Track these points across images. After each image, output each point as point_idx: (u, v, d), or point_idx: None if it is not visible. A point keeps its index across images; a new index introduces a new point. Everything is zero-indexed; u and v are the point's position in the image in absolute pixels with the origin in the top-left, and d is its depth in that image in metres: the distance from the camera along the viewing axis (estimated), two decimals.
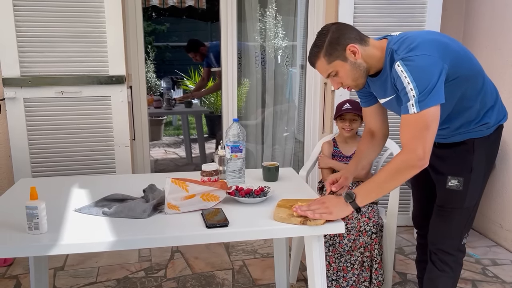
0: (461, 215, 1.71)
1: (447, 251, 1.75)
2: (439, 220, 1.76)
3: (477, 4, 3.17)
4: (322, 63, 1.55)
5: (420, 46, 1.46)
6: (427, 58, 1.43)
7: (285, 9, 3.48)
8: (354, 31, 1.55)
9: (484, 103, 1.61)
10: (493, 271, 2.65)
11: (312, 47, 1.56)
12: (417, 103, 1.41)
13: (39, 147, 2.68)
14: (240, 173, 1.88)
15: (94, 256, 2.73)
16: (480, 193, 1.72)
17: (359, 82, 1.59)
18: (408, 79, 1.42)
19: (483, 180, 1.71)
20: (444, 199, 1.73)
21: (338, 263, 2.21)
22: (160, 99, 4.81)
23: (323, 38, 1.53)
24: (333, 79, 1.59)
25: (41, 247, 1.36)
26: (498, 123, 1.67)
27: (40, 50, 2.59)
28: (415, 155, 1.43)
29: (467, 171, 1.65)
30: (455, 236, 1.74)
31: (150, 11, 11.23)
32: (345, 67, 1.53)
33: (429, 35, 1.55)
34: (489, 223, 3.10)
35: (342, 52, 1.52)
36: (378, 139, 1.83)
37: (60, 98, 2.65)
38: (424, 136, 1.43)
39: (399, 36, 1.56)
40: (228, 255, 2.80)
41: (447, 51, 1.49)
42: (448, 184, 1.68)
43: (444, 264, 1.75)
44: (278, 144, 3.65)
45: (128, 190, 1.79)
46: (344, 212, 1.53)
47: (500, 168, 2.97)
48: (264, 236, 1.55)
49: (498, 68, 2.96)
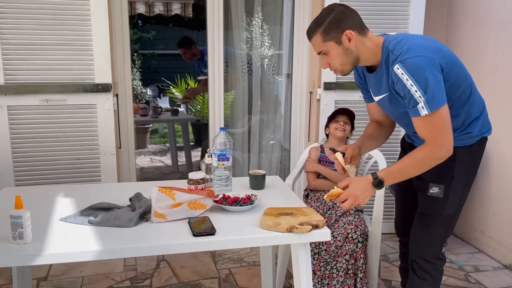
0: (441, 223, 1.74)
1: (427, 259, 1.77)
2: (419, 227, 1.78)
3: (458, 13, 3.25)
4: (317, 40, 1.59)
5: (416, 47, 1.50)
6: (425, 59, 1.47)
7: (271, 18, 3.52)
8: (356, 18, 1.58)
9: (469, 114, 1.64)
10: (476, 278, 2.70)
11: (313, 22, 1.60)
12: (427, 105, 1.46)
13: (23, 155, 2.65)
14: (227, 181, 1.89)
15: (78, 266, 2.70)
16: (460, 202, 1.74)
17: (346, 68, 1.63)
18: (410, 81, 1.45)
19: (463, 189, 1.73)
20: (425, 206, 1.75)
21: (324, 271, 2.23)
22: (146, 107, 4.79)
23: (326, 17, 1.56)
24: (323, 58, 1.63)
25: (25, 257, 1.34)
26: (481, 135, 1.70)
27: (24, 58, 2.57)
28: (442, 148, 1.51)
29: (448, 178, 1.68)
30: (435, 244, 1.77)
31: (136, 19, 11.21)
32: (337, 50, 1.57)
33: (423, 39, 1.59)
34: (472, 230, 3.15)
35: (339, 35, 1.55)
36: (386, 127, 1.87)
37: (45, 106, 2.63)
38: (444, 132, 1.50)
39: (395, 36, 1.59)
40: (214, 263, 2.79)
41: (442, 54, 1.54)
42: (429, 191, 1.71)
43: (425, 273, 1.77)
44: (264, 152, 3.66)
45: (114, 199, 1.78)
46: (369, 196, 1.61)
47: (481, 175, 3.03)
48: (251, 244, 1.56)
49: (479, 75, 3.03)
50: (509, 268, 2.82)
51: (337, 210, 2.33)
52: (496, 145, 2.89)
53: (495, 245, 2.95)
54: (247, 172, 2.28)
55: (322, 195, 2.44)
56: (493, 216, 2.96)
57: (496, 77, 2.90)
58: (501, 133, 2.85)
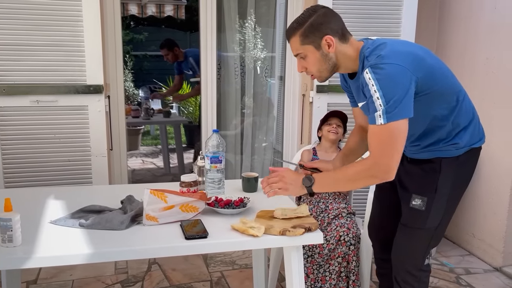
0: (423, 236, 1.68)
1: (410, 272, 1.72)
2: (402, 238, 1.73)
3: (450, 18, 3.28)
4: (296, 41, 1.53)
5: (391, 54, 1.42)
6: (397, 67, 1.39)
7: (264, 21, 3.52)
8: (338, 23, 1.52)
9: (457, 124, 1.57)
10: (467, 280, 2.71)
11: (294, 22, 1.54)
12: (384, 115, 1.38)
13: (13, 157, 2.62)
14: (219, 183, 1.88)
15: (68, 269, 2.67)
16: (444, 215, 1.66)
17: (323, 74, 1.57)
18: (375, 87, 1.39)
19: (448, 202, 1.65)
20: (408, 217, 1.70)
21: (317, 274, 2.23)
22: (138, 108, 4.77)
23: (307, 18, 1.50)
24: (300, 61, 1.58)
25: (14, 260, 1.32)
26: (470, 146, 1.61)
27: (15, 58, 2.54)
28: (380, 167, 1.42)
29: (431, 190, 1.62)
30: (417, 256, 1.71)
31: (128, 20, 11.16)
32: (315, 54, 1.52)
33: (404, 46, 1.51)
34: (462, 233, 3.18)
35: (318, 40, 1.49)
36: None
37: (36, 107, 2.60)
38: (391, 150, 1.41)
39: (373, 41, 1.52)
40: (206, 266, 2.78)
41: (421, 64, 1.45)
42: (412, 203, 1.64)
43: (407, 285, 1.72)
44: (257, 155, 3.66)
45: (106, 201, 1.76)
46: (299, 192, 1.57)
47: (472, 179, 3.04)
48: (244, 247, 1.55)
49: (470, 79, 3.06)
50: (500, 271, 2.84)
51: (330, 213, 2.33)
52: (487, 148, 2.92)
53: (485, 247, 2.97)
54: (240, 174, 2.27)
55: (315, 198, 2.44)
56: (484, 218, 2.98)
57: (487, 81, 2.93)
58: (492, 137, 2.87)
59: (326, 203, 2.39)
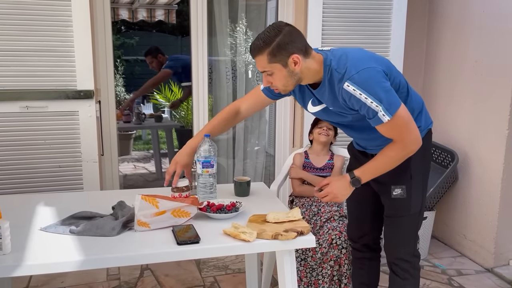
0: (410, 221, 1.80)
1: (405, 259, 1.82)
2: (391, 230, 1.84)
3: (439, 21, 3.31)
4: (263, 60, 1.58)
5: (357, 61, 1.55)
6: (369, 70, 1.53)
7: (255, 25, 3.53)
8: (303, 41, 1.59)
9: (412, 109, 1.68)
10: (459, 281, 2.73)
11: (260, 40, 1.57)
12: (386, 111, 1.52)
13: (3, 163, 2.59)
14: (211, 188, 1.88)
15: (59, 276, 2.64)
16: (423, 197, 1.81)
17: (288, 88, 1.66)
18: (364, 95, 1.51)
19: (423, 183, 1.80)
20: (391, 208, 1.81)
21: (310, 277, 2.23)
22: (129, 113, 4.74)
23: (274, 38, 1.55)
24: (266, 77, 1.64)
25: (4, 268, 1.31)
26: (427, 127, 1.78)
27: (4, 64, 2.52)
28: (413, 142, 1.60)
29: (407, 178, 1.74)
30: (409, 243, 1.83)
31: (119, 25, 11.13)
32: (282, 72, 1.59)
33: (360, 52, 1.64)
34: (454, 234, 3.20)
35: (286, 59, 1.56)
36: (239, 119, 1.98)
37: (25, 113, 2.58)
38: (408, 129, 1.58)
39: (333, 53, 1.62)
40: (199, 271, 2.77)
41: (379, 60, 1.61)
42: (393, 193, 1.75)
43: (405, 272, 1.82)
44: (249, 159, 3.66)
45: (97, 207, 1.75)
46: (348, 194, 1.71)
47: (462, 180, 3.08)
48: (236, 252, 1.55)
49: (459, 82, 3.09)
50: (491, 272, 2.86)
51: (322, 216, 2.33)
52: (477, 150, 2.95)
53: (477, 248, 2.99)
54: (232, 178, 2.27)
55: (307, 201, 2.45)
56: (474, 220, 3.00)
57: (476, 84, 2.95)
58: (481, 138, 2.90)
59: (319, 206, 2.40)
